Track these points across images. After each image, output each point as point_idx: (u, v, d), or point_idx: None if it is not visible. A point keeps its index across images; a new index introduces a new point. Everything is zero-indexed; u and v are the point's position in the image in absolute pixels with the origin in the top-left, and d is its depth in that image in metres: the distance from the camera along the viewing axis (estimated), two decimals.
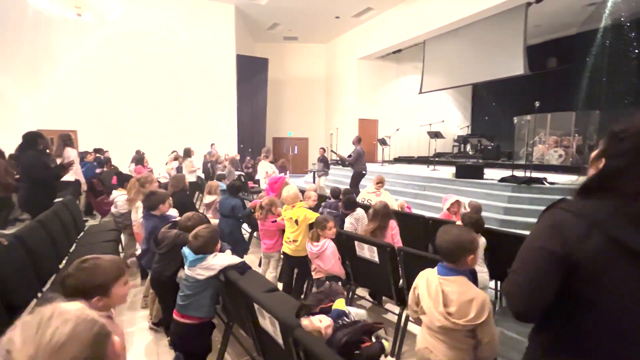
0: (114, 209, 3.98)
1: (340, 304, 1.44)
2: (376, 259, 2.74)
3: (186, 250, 2.04)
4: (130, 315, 3.15)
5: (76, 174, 5.53)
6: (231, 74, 11.78)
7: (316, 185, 8.33)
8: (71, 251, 3.81)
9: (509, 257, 1.37)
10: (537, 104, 6.31)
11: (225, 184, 4.91)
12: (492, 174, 7.61)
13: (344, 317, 1.40)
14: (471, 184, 6.98)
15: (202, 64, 11.28)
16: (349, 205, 3.63)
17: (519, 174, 6.66)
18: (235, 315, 2.29)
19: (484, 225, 2.96)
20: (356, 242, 2.87)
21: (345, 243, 2.98)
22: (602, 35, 10.21)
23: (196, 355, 2.06)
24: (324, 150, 8.23)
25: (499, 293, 3.21)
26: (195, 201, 7.79)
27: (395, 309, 3.09)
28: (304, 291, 3.22)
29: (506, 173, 7.18)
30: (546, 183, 6.19)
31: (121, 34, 10.14)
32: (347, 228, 3.52)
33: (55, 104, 9.76)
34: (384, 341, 1.39)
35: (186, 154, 8.53)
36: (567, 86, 11.68)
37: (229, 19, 11.44)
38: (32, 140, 4.01)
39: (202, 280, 2.01)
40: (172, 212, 3.03)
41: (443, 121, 11.94)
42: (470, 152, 12.36)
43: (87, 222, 5.76)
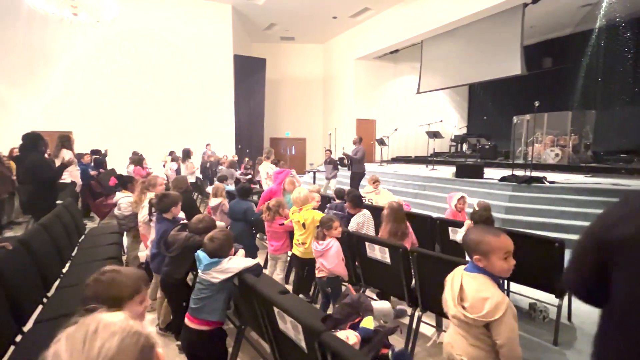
0: (117, 210, 3.92)
1: (368, 322, 1.45)
2: (387, 260, 2.73)
3: (200, 254, 2.00)
4: None
5: (72, 176, 5.46)
6: (229, 74, 11.71)
7: (325, 186, 8.28)
8: (73, 255, 3.74)
9: (513, 255, 1.39)
10: (536, 103, 6.36)
11: (227, 185, 4.87)
12: (491, 173, 7.67)
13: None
14: (471, 184, 7.01)
15: (199, 64, 11.20)
16: (356, 203, 3.61)
17: (518, 173, 6.71)
18: (249, 318, 2.26)
19: (493, 223, 2.98)
20: (367, 243, 2.85)
21: (355, 244, 2.96)
22: (597, 35, 10.36)
23: None
24: (330, 152, 8.11)
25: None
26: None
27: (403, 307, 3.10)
28: (312, 291, 3.20)
29: (504, 172, 7.23)
30: (546, 182, 6.23)
31: (118, 34, 10.02)
32: (352, 228, 3.48)
33: (50, 105, 9.61)
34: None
35: (186, 155, 8.45)
36: (563, 86, 11.82)
37: (226, 19, 11.37)
38: (34, 142, 3.96)
39: (217, 284, 1.98)
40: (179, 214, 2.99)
41: (441, 121, 11.98)
42: (467, 152, 12.44)
43: (85, 225, 5.67)
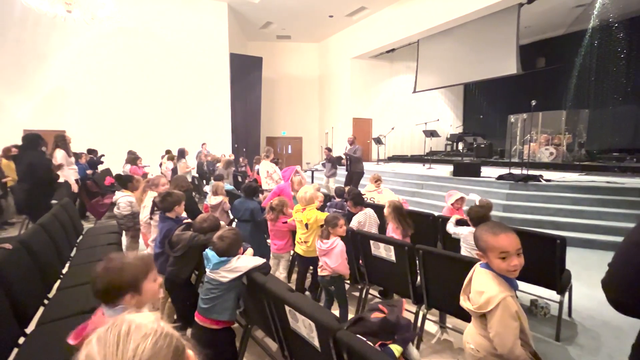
0: (116, 210, 3.87)
1: (396, 350, 1.48)
2: (393, 258, 2.73)
3: (209, 253, 1.99)
4: None
5: (64, 176, 5.38)
6: (225, 73, 11.62)
7: (323, 185, 8.28)
8: (72, 255, 3.68)
9: None
10: (533, 102, 6.43)
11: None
12: (487, 171, 7.74)
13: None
14: (469, 182, 7.07)
15: (195, 62, 11.10)
16: (357, 201, 3.59)
17: (515, 171, 6.78)
18: (256, 317, 2.25)
19: (488, 218, 2.95)
20: (371, 242, 2.86)
21: (360, 242, 2.96)
22: (591, 35, 10.50)
23: None
24: (330, 150, 8.13)
25: None
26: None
27: (406, 305, 3.11)
28: (319, 293, 3.20)
29: (500, 171, 7.30)
30: (542, 180, 6.31)
31: (112, 31, 9.88)
32: (353, 227, 3.44)
33: (42, 104, 9.45)
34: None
35: (180, 154, 8.38)
36: (557, 85, 11.97)
37: (222, 17, 11.28)
38: (34, 142, 3.93)
39: (226, 283, 1.96)
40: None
41: (438, 120, 12.05)
42: (463, 151, 12.53)
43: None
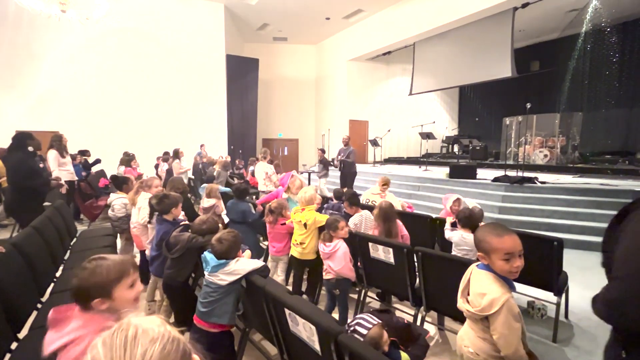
0: (111, 212, 3.81)
1: (405, 358, 1.49)
2: (391, 260, 2.72)
3: (208, 255, 1.96)
4: None
5: (56, 178, 5.29)
6: (221, 74, 11.58)
7: (317, 187, 8.28)
8: (66, 258, 3.62)
9: None
10: (528, 105, 6.49)
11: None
12: (482, 173, 7.78)
13: None
14: (465, 184, 7.10)
15: (191, 63, 11.04)
16: (352, 202, 3.58)
17: (510, 173, 6.82)
18: (255, 320, 2.22)
19: (478, 222, 2.94)
20: (370, 244, 2.85)
21: (358, 244, 2.95)
22: (584, 39, 10.65)
23: None
24: (323, 152, 8.16)
25: None
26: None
27: (405, 307, 3.11)
28: (316, 296, 3.18)
29: (496, 173, 7.35)
30: (538, 182, 6.36)
31: (107, 32, 9.80)
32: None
33: (36, 105, 9.32)
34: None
35: (175, 155, 8.32)
36: (551, 89, 12.10)
37: (218, 18, 11.24)
38: (21, 142, 3.76)
39: (225, 286, 1.94)
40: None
41: (434, 122, 12.12)
42: (458, 153, 12.61)
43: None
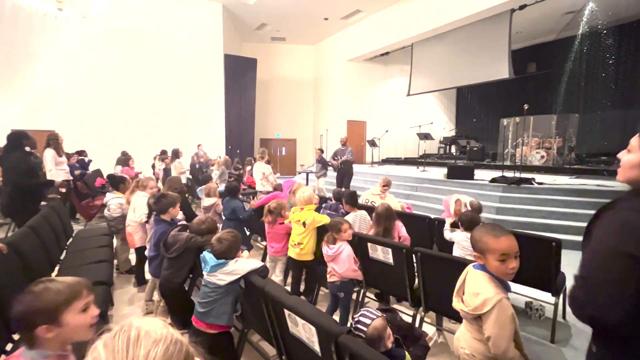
0: (106, 212, 3.79)
1: (408, 357, 1.48)
2: (390, 260, 2.72)
3: (207, 255, 1.95)
4: None
5: (52, 176, 5.26)
6: (219, 74, 11.54)
7: (316, 186, 8.28)
8: (62, 258, 3.59)
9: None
10: (525, 106, 6.52)
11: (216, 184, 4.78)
12: (479, 174, 7.81)
13: None
14: (463, 185, 7.12)
15: (189, 62, 11.00)
16: (349, 201, 3.56)
17: (507, 174, 6.85)
18: (253, 321, 2.21)
19: (479, 223, 2.95)
20: (369, 244, 2.84)
21: (357, 244, 2.94)
22: (580, 42, 10.73)
23: None
24: (321, 151, 8.17)
25: None
26: None
27: (403, 307, 3.11)
28: (314, 297, 3.17)
29: (493, 173, 7.37)
30: (535, 183, 6.39)
31: (105, 31, 9.74)
32: None
33: (32, 104, 9.25)
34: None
35: (174, 155, 8.28)
36: (547, 90, 12.18)
37: (216, 18, 11.21)
38: (17, 141, 3.73)
39: (224, 286, 1.93)
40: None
41: (432, 123, 12.15)
42: (456, 154, 12.65)
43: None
